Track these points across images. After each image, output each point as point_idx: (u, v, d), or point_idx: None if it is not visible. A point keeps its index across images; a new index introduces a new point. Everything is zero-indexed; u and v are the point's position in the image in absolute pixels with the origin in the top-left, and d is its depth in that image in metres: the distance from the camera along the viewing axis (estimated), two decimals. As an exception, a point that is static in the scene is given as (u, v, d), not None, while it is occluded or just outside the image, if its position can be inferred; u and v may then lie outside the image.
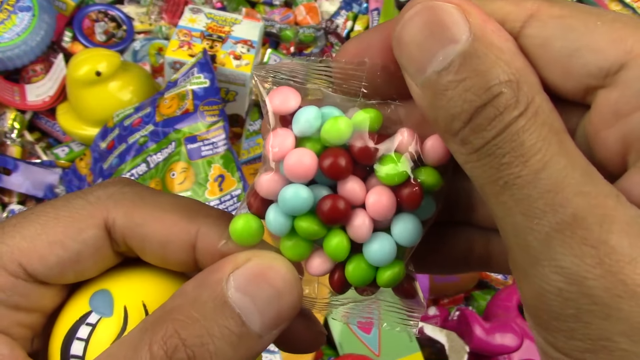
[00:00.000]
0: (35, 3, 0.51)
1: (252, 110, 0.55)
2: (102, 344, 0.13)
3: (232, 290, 0.11)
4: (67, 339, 0.13)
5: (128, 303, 0.13)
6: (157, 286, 0.14)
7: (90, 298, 0.13)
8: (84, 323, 0.13)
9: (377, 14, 0.55)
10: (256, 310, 0.11)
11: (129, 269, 0.14)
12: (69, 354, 0.13)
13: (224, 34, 0.50)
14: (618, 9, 0.53)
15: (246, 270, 0.11)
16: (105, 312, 0.13)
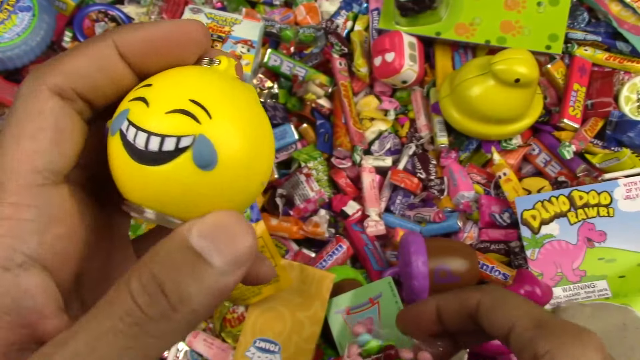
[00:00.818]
0: (35, 3, 0.51)
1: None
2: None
3: (193, 237, 0.13)
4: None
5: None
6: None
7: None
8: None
9: (377, 14, 0.55)
10: (214, 248, 0.13)
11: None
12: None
13: (224, 34, 0.50)
14: (618, 9, 0.53)
15: (206, 220, 0.14)
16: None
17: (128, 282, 0.13)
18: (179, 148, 0.14)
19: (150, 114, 0.14)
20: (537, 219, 0.47)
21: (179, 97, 0.14)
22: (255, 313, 0.43)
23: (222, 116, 0.14)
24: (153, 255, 0.13)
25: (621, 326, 0.41)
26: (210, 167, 0.14)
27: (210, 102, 0.14)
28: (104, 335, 0.13)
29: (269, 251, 0.41)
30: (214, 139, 0.14)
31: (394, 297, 0.42)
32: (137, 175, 0.14)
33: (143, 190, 0.14)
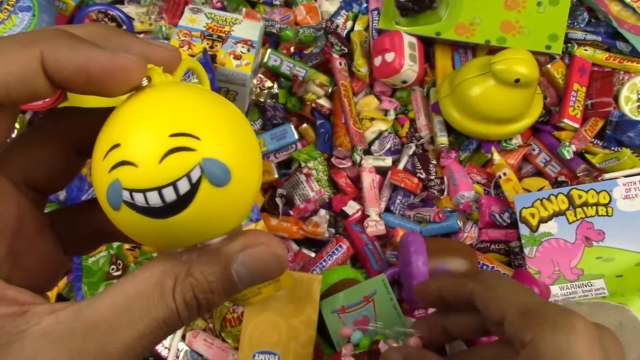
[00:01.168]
0: (35, 3, 0.51)
1: (252, 110, 0.55)
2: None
3: (237, 264, 0.15)
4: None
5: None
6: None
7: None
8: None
9: (377, 14, 0.55)
10: (249, 280, 0.16)
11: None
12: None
13: (224, 34, 0.50)
14: (618, 9, 0.53)
15: (254, 254, 0.16)
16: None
17: (173, 293, 0.15)
18: (192, 183, 0.14)
19: (145, 172, 0.14)
20: (535, 217, 0.47)
21: (160, 140, 0.14)
22: (250, 327, 0.43)
23: (208, 130, 0.14)
24: (199, 276, 0.15)
25: (618, 325, 0.42)
26: (227, 180, 0.14)
27: (188, 124, 0.14)
28: (134, 326, 0.14)
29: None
30: (215, 155, 0.14)
31: (388, 294, 0.42)
32: (168, 228, 0.14)
33: (180, 235, 0.14)
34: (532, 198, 0.47)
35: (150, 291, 0.15)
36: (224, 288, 0.15)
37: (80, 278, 0.46)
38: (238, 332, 0.46)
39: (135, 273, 0.15)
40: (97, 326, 0.14)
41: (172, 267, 0.15)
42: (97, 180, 0.14)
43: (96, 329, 0.14)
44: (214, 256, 0.15)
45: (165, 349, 0.48)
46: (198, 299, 0.15)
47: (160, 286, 0.15)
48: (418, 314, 0.47)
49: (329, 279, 0.45)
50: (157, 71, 0.15)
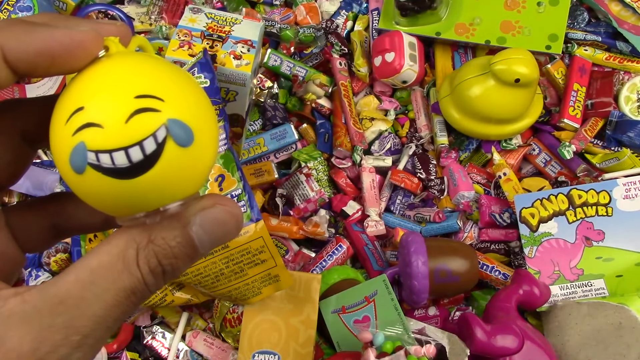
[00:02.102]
0: (35, 3, 0.51)
1: (252, 110, 0.55)
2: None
3: (196, 227, 0.15)
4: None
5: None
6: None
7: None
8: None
9: (377, 14, 0.55)
10: (209, 242, 0.16)
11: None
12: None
13: (224, 34, 0.50)
14: (618, 9, 0.53)
15: (211, 213, 0.16)
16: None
17: (137, 261, 0.15)
18: (158, 142, 0.14)
19: (112, 133, 0.14)
20: (535, 217, 0.47)
21: (125, 101, 0.14)
22: (249, 327, 0.43)
23: (171, 93, 0.14)
24: (160, 242, 0.15)
25: (617, 325, 0.42)
26: (190, 141, 0.14)
27: (152, 86, 0.14)
28: (101, 297, 0.14)
29: (269, 251, 0.42)
30: (178, 116, 0.14)
31: (389, 294, 0.42)
32: (133, 189, 0.14)
33: (144, 197, 0.14)
34: (532, 198, 0.47)
35: (114, 262, 0.15)
36: (186, 252, 0.15)
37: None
38: (238, 332, 0.46)
39: (96, 247, 0.15)
40: (63, 302, 0.14)
41: (133, 236, 0.15)
42: (58, 146, 0.14)
43: (63, 305, 0.14)
44: (174, 221, 0.15)
45: (166, 349, 0.48)
46: (162, 264, 0.15)
47: (123, 256, 0.15)
48: (418, 314, 0.47)
49: (329, 279, 0.45)
50: (114, 41, 0.16)
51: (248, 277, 0.40)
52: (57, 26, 0.15)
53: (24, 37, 0.14)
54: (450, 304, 0.48)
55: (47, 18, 0.16)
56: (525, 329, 0.40)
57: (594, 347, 0.41)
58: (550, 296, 0.45)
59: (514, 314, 0.42)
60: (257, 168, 0.51)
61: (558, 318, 0.44)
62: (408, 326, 0.40)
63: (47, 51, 0.14)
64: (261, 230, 0.39)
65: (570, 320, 0.43)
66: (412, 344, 0.37)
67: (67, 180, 0.15)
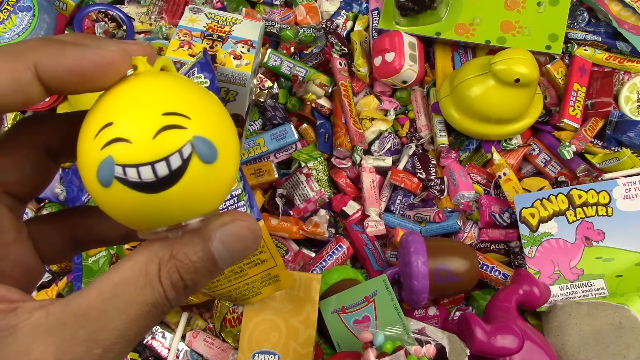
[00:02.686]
0: (35, 3, 0.51)
1: (252, 110, 0.55)
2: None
3: (216, 242, 0.16)
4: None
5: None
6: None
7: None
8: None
9: (377, 14, 0.55)
10: (229, 257, 0.16)
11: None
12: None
13: (224, 34, 0.50)
14: (618, 9, 0.53)
15: (231, 229, 0.16)
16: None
17: (159, 276, 0.15)
18: (184, 158, 0.14)
19: (139, 148, 0.14)
20: (535, 217, 0.47)
21: (153, 117, 0.14)
22: (249, 327, 0.43)
23: (196, 111, 0.15)
24: (182, 257, 0.16)
25: (617, 325, 0.42)
26: (215, 158, 0.15)
27: (179, 104, 0.15)
28: (124, 311, 0.15)
29: (269, 251, 0.42)
30: (203, 133, 0.15)
31: (389, 294, 0.42)
32: (157, 203, 0.15)
33: (167, 211, 0.15)
34: (532, 198, 0.47)
35: (136, 277, 0.15)
36: (206, 267, 0.16)
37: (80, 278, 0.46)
38: (238, 332, 0.46)
39: (119, 263, 0.16)
40: (86, 314, 0.14)
41: (155, 252, 0.16)
42: (87, 159, 0.15)
43: (86, 318, 0.14)
44: (195, 237, 0.16)
45: (165, 349, 0.48)
46: (184, 279, 0.16)
47: (145, 271, 0.15)
48: (418, 314, 0.47)
49: (329, 279, 0.45)
50: (142, 60, 0.16)
51: (248, 277, 0.40)
52: (88, 45, 0.15)
53: (57, 56, 0.15)
54: (450, 304, 0.48)
55: (77, 37, 0.16)
56: (525, 329, 0.40)
57: (594, 347, 0.41)
58: (550, 296, 0.45)
59: (514, 314, 0.42)
60: (257, 168, 0.51)
61: (558, 318, 0.44)
62: (408, 326, 0.40)
63: (79, 69, 0.15)
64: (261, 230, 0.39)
65: (570, 320, 0.43)
66: (412, 344, 0.37)
67: (93, 193, 0.15)
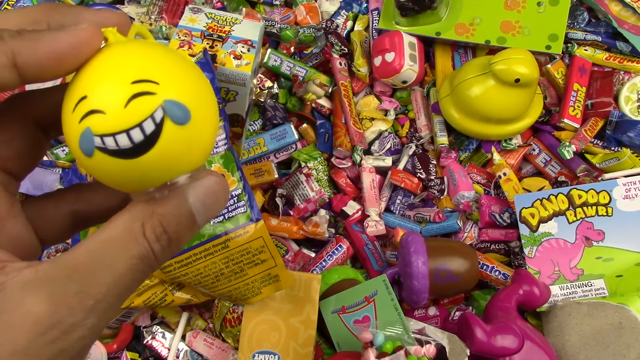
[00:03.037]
0: (35, 3, 0.51)
1: (252, 110, 0.55)
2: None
3: (192, 199, 0.17)
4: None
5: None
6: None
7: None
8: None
9: (377, 14, 0.55)
10: (203, 212, 0.17)
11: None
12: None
13: (224, 34, 0.50)
14: (618, 9, 0.53)
15: (204, 184, 0.17)
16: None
17: (143, 231, 0.16)
18: (156, 123, 0.15)
19: (113, 117, 0.15)
20: (535, 217, 0.47)
21: (123, 87, 0.15)
22: (249, 327, 0.43)
23: (166, 76, 0.16)
24: (163, 212, 0.16)
25: (617, 325, 0.42)
26: (187, 119, 0.16)
27: (147, 71, 0.15)
28: (111, 266, 0.15)
29: (269, 251, 0.42)
30: (174, 96, 0.15)
31: (389, 294, 0.42)
32: (138, 168, 0.15)
33: (149, 174, 0.16)
34: (532, 198, 0.47)
35: (121, 234, 0.16)
36: (186, 222, 0.17)
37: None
38: (238, 332, 0.46)
39: (104, 225, 0.16)
40: (76, 269, 0.15)
41: (136, 212, 0.16)
42: (69, 133, 0.16)
43: (75, 273, 0.15)
44: (172, 195, 0.17)
45: (165, 349, 0.48)
46: (168, 232, 0.16)
47: (130, 228, 0.16)
48: (418, 314, 0.47)
49: (329, 279, 0.45)
50: (112, 31, 0.17)
51: (248, 277, 0.40)
52: (61, 27, 0.16)
53: (32, 43, 0.15)
54: (450, 304, 0.48)
55: (46, 12, 0.17)
56: (525, 329, 0.40)
57: (594, 347, 0.41)
58: (550, 296, 0.45)
59: (514, 314, 0.42)
60: (257, 168, 0.51)
61: (558, 318, 0.44)
62: (408, 326, 0.40)
63: (55, 54, 0.15)
64: (261, 230, 0.39)
65: (570, 320, 0.43)
66: (412, 344, 0.37)
67: (80, 163, 0.16)
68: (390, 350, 0.36)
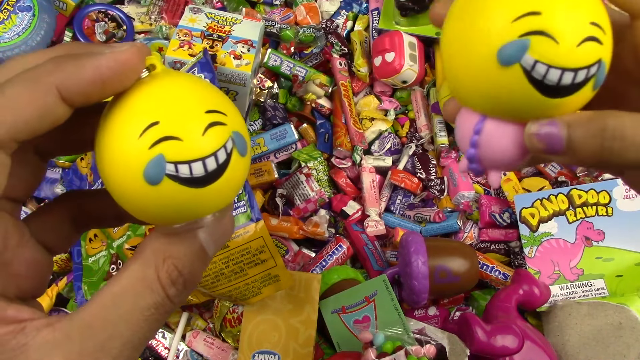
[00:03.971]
0: (35, 3, 0.51)
1: (252, 110, 0.55)
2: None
3: (203, 235, 0.17)
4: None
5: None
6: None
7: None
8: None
9: (377, 14, 0.55)
10: (213, 244, 0.17)
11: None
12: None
13: (224, 34, 0.50)
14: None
15: (216, 226, 0.17)
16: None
17: (157, 277, 0.16)
18: (227, 153, 0.15)
19: (190, 145, 0.15)
20: (535, 217, 0.47)
21: (200, 115, 0.15)
22: (249, 327, 0.43)
23: (227, 107, 0.16)
24: (177, 254, 0.16)
25: (617, 325, 0.42)
26: (246, 151, 0.16)
27: (214, 102, 0.15)
28: (126, 318, 0.15)
29: (269, 251, 0.42)
30: (238, 129, 0.16)
31: (389, 294, 0.42)
32: (200, 197, 0.15)
33: (204, 205, 0.16)
34: (532, 198, 0.47)
35: (133, 284, 0.16)
36: (199, 258, 0.17)
37: (80, 278, 0.46)
38: (238, 332, 0.46)
39: (116, 275, 0.16)
40: (91, 326, 0.15)
41: (148, 258, 0.16)
42: (132, 158, 0.15)
43: (91, 329, 0.15)
44: (181, 234, 0.17)
45: (165, 349, 0.48)
46: (183, 274, 0.16)
47: (142, 277, 0.16)
48: (418, 314, 0.47)
49: (329, 279, 0.45)
50: (159, 59, 0.17)
51: (248, 277, 0.40)
52: (100, 52, 0.16)
53: (75, 73, 0.15)
54: (450, 304, 0.48)
55: (86, 47, 0.17)
56: (525, 329, 0.40)
57: (594, 347, 0.41)
58: (550, 296, 0.45)
59: (514, 314, 0.42)
60: (257, 168, 0.51)
61: (558, 318, 0.44)
62: (408, 326, 0.40)
63: (99, 79, 0.15)
64: (261, 230, 0.39)
65: (570, 320, 0.43)
66: (412, 344, 0.37)
67: (131, 192, 0.15)
68: (390, 350, 0.36)
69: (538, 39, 0.15)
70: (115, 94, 0.16)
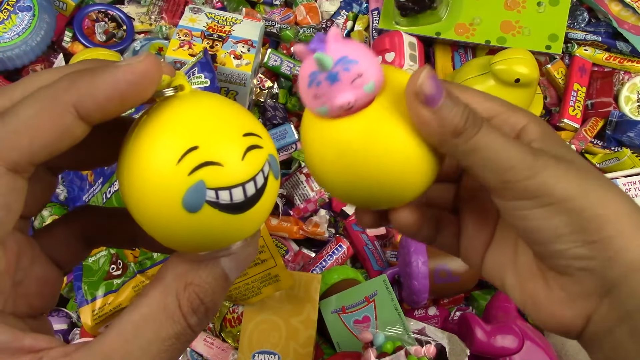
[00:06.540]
0: (35, 3, 0.51)
1: (252, 110, 0.55)
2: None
3: (226, 261, 0.17)
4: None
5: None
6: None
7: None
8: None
9: (377, 14, 0.55)
10: (236, 269, 0.17)
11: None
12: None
13: (225, 34, 0.50)
14: (618, 9, 0.53)
15: (240, 255, 0.17)
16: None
17: (179, 306, 0.15)
18: (265, 177, 0.15)
19: (232, 170, 0.14)
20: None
21: (238, 139, 0.14)
22: (249, 327, 0.43)
23: (260, 130, 0.15)
24: (199, 281, 0.16)
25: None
26: (279, 173, 0.16)
27: (249, 125, 0.15)
28: (147, 349, 0.15)
29: (269, 251, 0.42)
30: (272, 152, 0.15)
31: (389, 295, 0.42)
32: (237, 223, 0.15)
33: (237, 231, 0.15)
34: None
35: (155, 313, 0.15)
36: (221, 285, 0.16)
37: (80, 277, 0.46)
38: (238, 332, 0.46)
39: (135, 301, 0.16)
40: (110, 358, 0.14)
41: (168, 285, 0.16)
42: (171, 185, 0.14)
43: None
44: (208, 258, 0.16)
45: (165, 349, 0.48)
46: (205, 302, 0.16)
47: (164, 305, 0.15)
48: (418, 314, 0.47)
49: (329, 279, 0.45)
50: (184, 78, 0.16)
51: (248, 277, 0.40)
52: (116, 66, 0.15)
53: (91, 90, 0.14)
54: (450, 304, 0.48)
55: (100, 61, 0.16)
56: (525, 329, 0.40)
57: (594, 347, 0.41)
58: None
59: (514, 314, 0.42)
60: (257, 168, 0.51)
61: (558, 318, 0.44)
62: (408, 326, 0.40)
63: (117, 93, 0.14)
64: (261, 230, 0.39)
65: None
66: (412, 344, 0.37)
67: (166, 220, 0.14)
68: (390, 350, 0.36)
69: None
70: (138, 105, 0.15)
